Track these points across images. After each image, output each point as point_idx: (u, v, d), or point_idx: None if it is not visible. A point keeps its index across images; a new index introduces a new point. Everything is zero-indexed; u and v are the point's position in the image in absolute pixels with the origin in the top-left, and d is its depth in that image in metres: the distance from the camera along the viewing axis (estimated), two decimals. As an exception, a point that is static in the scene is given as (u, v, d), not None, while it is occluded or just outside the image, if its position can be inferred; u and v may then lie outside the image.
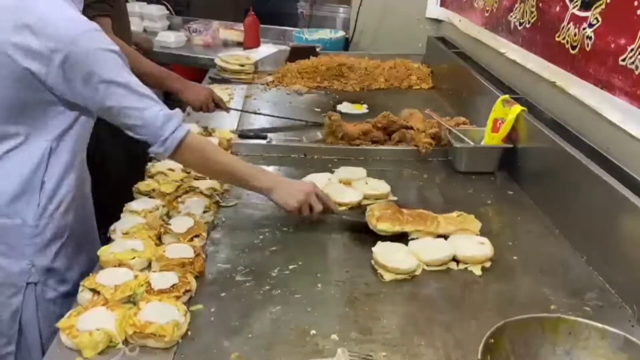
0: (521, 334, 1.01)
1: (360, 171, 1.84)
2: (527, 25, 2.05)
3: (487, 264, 1.40)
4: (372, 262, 1.38)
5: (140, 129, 1.36)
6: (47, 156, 1.37)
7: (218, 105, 2.22)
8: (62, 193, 1.40)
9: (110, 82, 1.30)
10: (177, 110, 1.41)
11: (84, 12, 1.39)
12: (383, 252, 1.38)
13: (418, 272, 1.36)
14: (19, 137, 1.35)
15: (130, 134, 1.37)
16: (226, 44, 3.73)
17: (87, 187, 1.54)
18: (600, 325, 1.02)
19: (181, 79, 2.22)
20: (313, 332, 1.16)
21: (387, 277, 1.34)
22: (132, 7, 3.84)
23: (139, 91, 1.34)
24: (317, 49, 3.22)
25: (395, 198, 1.72)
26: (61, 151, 1.39)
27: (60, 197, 1.40)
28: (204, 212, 1.54)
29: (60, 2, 1.31)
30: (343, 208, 1.64)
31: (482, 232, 1.57)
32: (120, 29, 2.18)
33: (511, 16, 2.20)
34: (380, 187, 1.75)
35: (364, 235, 1.49)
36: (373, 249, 1.40)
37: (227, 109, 2.29)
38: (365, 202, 1.68)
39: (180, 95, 2.17)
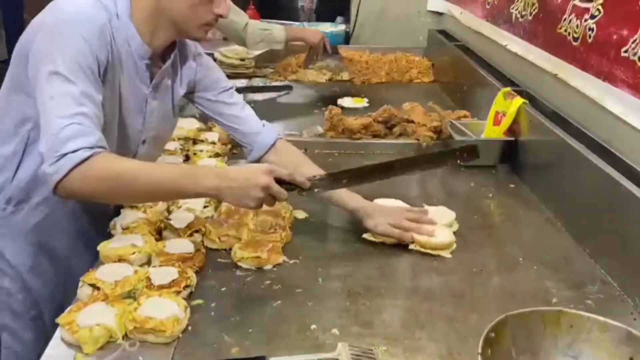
0: (522, 328, 1.00)
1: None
2: (529, 17, 2.04)
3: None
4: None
5: (43, 138, 1.16)
6: (23, 147, 1.33)
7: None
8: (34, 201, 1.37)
9: (56, 73, 1.17)
10: (96, 132, 1.16)
11: None
12: None
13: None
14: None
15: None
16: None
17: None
18: (602, 318, 1.01)
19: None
20: (314, 326, 1.15)
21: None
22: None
23: (78, 98, 1.16)
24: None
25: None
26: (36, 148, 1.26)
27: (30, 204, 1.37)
28: (204, 207, 1.53)
29: (90, 2, 1.25)
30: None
31: (485, 225, 1.57)
32: None
33: (512, 8, 2.19)
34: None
35: (363, 229, 1.49)
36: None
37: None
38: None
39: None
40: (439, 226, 1.45)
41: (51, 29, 1.22)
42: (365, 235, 1.46)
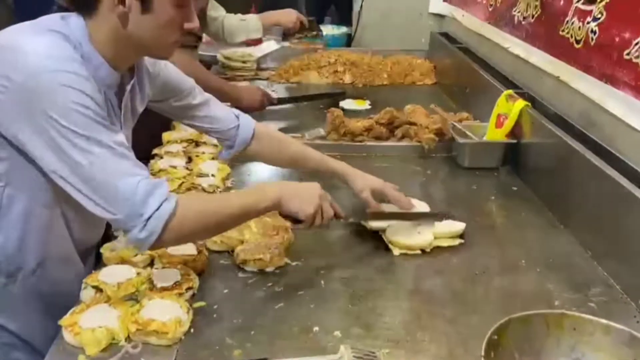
0: (525, 330, 1.00)
1: None
2: (531, 20, 2.04)
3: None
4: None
5: (111, 206, 1.05)
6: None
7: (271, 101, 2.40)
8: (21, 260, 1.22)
9: (76, 134, 1.03)
10: (162, 180, 1.13)
11: None
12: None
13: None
14: None
15: (94, 209, 1.07)
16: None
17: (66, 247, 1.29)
18: (604, 321, 1.01)
19: (236, 86, 2.42)
20: (316, 328, 1.15)
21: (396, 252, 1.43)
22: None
23: (117, 151, 1.06)
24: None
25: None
26: (16, 200, 1.16)
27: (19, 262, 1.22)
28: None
29: (51, 38, 1.08)
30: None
31: (487, 227, 1.57)
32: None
33: (515, 10, 2.19)
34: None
35: (366, 231, 1.49)
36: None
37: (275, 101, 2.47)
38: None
39: (238, 104, 2.09)
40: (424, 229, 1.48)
41: (28, 88, 1.03)
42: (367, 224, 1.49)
